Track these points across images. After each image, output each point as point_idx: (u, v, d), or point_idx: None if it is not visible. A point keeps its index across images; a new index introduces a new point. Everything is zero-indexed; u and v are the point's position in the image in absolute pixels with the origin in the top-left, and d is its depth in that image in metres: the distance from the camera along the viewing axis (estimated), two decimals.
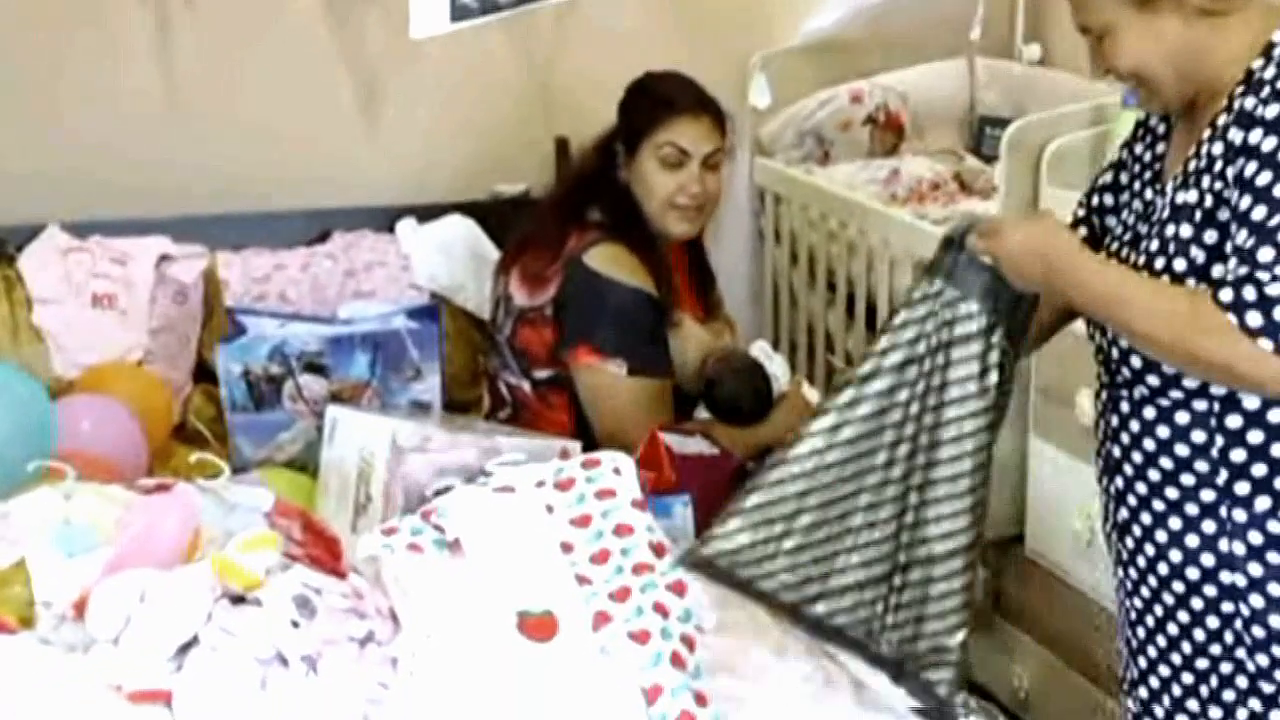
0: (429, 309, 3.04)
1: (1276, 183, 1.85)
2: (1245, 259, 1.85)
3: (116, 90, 3.58)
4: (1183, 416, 2.01)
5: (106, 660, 1.85)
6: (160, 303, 3.46)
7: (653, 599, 1.99)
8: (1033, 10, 4.18)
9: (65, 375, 3.29)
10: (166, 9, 3.57)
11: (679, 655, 1.95)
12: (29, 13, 3.49)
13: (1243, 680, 2.05)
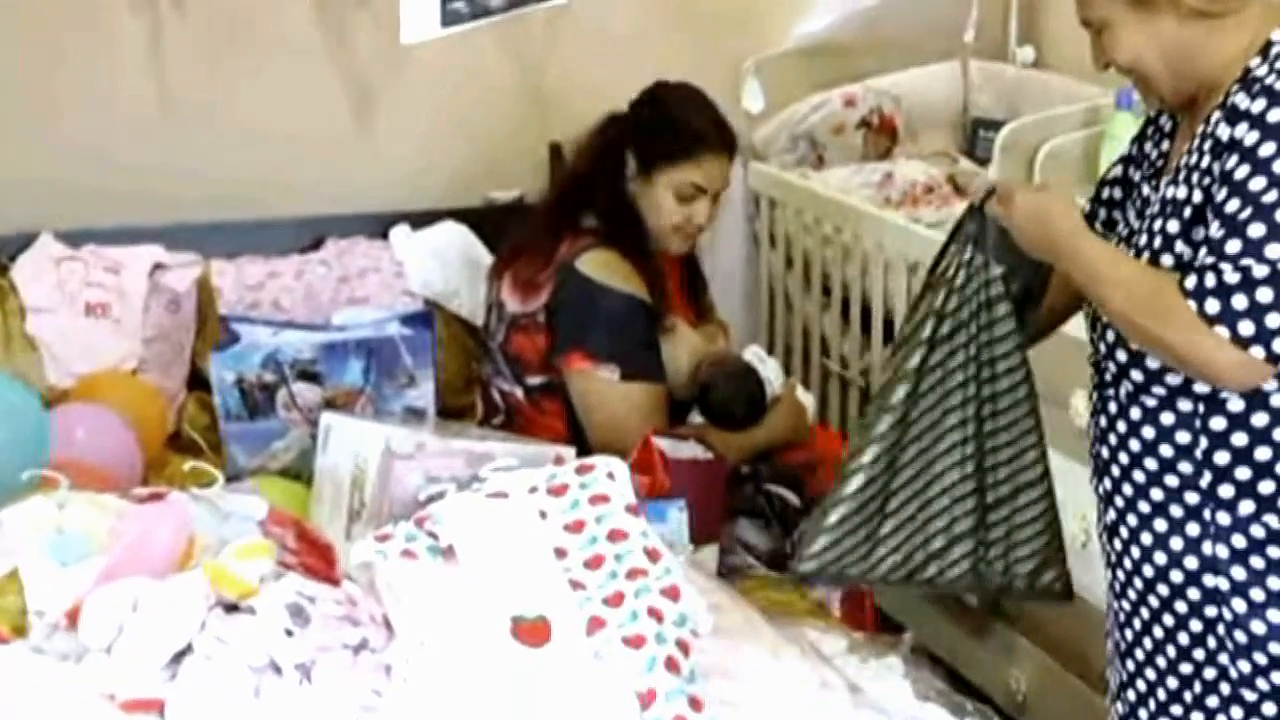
0: (423, 315, 3.04)
1: (1253, 176, 1.86)
2: (1213, 249, 1.88)
3: (109, 98, 3.57)
4: (1168, 417, 2.02)
5: (100, 669, 1.84)
6: (154, 311, 3.45)
7: (647, 604, 1.98)
8: (1026, 13, 4.18)
9: (59, 384, 3.28)
10: (159, 17, 3.57)
11: (674, 660, 1.94)
12: (21, 21, 3.48)
13: (1225, 687, 2.03)
